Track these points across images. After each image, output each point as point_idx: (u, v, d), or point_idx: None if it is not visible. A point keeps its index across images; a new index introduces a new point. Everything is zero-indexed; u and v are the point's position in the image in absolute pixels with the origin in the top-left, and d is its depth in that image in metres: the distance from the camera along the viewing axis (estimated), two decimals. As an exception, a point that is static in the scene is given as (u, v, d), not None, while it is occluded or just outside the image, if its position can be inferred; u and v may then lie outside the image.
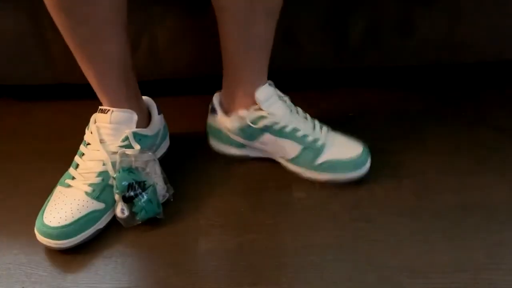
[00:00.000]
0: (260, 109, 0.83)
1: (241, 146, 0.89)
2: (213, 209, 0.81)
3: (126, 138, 0.79)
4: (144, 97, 0.88)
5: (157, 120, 0.87)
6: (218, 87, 1.09)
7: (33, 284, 0.70)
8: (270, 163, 0.89)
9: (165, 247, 0.75)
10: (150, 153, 0.80)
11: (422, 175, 0.85)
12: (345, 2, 0.97)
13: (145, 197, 0.76)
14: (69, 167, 0.81)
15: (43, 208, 0.76)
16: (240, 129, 0.86)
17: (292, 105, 0.86)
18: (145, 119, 0.86)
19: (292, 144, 0.84)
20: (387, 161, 0.88)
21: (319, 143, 0.83)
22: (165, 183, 0.80)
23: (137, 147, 0.79)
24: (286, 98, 0.86)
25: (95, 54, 0.77)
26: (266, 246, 0.74)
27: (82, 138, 0.85)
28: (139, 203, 0.75)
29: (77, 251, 0.74)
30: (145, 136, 0.83)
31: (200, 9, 0.95)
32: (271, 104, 0.84)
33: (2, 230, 0.79)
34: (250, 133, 0.86)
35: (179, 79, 1.03)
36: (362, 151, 0.83)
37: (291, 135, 0.84)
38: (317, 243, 0.74)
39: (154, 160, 0.80)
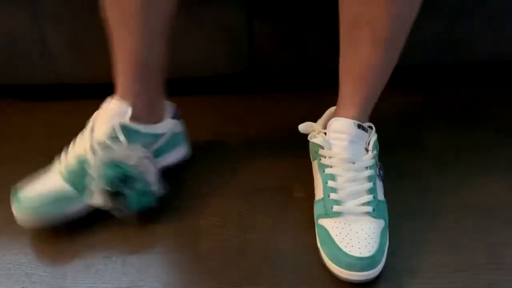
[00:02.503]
0: (324, 133, 0.77)
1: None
2: (213, 209, 0.81)
3: (114, 130, 0.77)
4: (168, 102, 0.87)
5: (166, 122, 0.85)
6: (217, 87, 1.09)
7: (33, 284, 0.70)
8: (271, 163, 0.89)
9: (165, 247, 0.75)
10: (143, 149, 0.78)
11: (422, 175, 0.85)
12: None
13: (131, 190, 0.74)
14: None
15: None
16: (308, 137, 0.80)
17: (368, 163, 0.74)
18: (157, 121, 0.84)
19: (320, 187, 0.75)
20: (387, 161, 0.88)
21: (336, 208, 0.71)
22: (156, 183, 0.78)
23: (122, 138, 0.77)
24: (370, 153, 0.75)
25: (117, 39, 0.77)
26: (266, 246, 0.74)
27: (82, 138, 0.85)
28: (126, 196, 0.74)
29: (77, 251, 0.74)
30: (135, 131, 0.79)
31: (200, 9, 0.95)
32: (337, 138, 0.75)
33: (2, 230, 0.79)
34: (311, 149, 0.82)
35: (179, 79, 1.02)
36: (364, 258, 0.67)
37: (324, 178, 0.75)
38: (317, 243, 0.74)
39: (148, 157, 0.78)
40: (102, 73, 1.02)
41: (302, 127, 0.80)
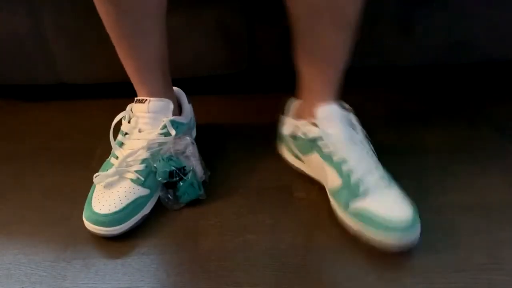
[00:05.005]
0: (316, 125, 0.79)
1: (298, 157, 0.85)
2: (213, 209, 0.81)
3: (165, 126, 0.81)
4: (174, 88, 0.91)
5: (188, 108, 0.91)
6: (217, 87, 1.09)
7: (33, 284, 0.70)
8: (271, 163, 0.89)
9: (165, 247, 0.75)
10: (188, 137, 0.83)
11: (422, 175, 0.85)
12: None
13: (186, 181, 0.79)
14: (69, 167, 0.81)
15: (88, 198, 0.78)
16: (292, 136, 0.83)
17: (361, 138, 0.78)
18: (176, 108, 0.88)
19: (334, 175, 0.76)
20: (386, 161, 0.88)
21: (363, 187, 0.73)
22: (202, 165, 0.83)
23: (173, 132, 0.81)
24: (358, 129, 0.79)
25: (137, 46, 0.80)
26: (266, 246, 0.74)
27: (82, 138, 0.85)
28: (182, 188, 0.79)
29: (77, 251, 0.74)
30: (182, 123, 0.86)
31: (200, 9, 0.95)
32: (330, 125, 0.78)
33: (2, 230, 0.79)
34: (301, 144, 0.82)
35: (178, 79, 1.03)
36: (410, 218, 0.70)
37: (336, 165, 0.76)
38: (317, 243, 0.74)
39: (193, 143, 0.83)
40: (102, 73, 1.03)
41: (286, 129, 0.82)
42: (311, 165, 0.82)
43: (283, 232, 0.76)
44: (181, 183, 0.79)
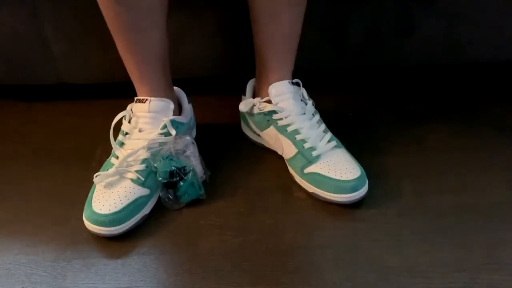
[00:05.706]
0: (270, 101, 0.85)
1: (256, 133, 0.91)
2: (213, 209, 0.81)
3: (165, 126, 0.82)
4: (174, 88, 0.91)
5: (188, 108, 0.91)
6: (216, 87, 1.09)
7: (33, 284, 0.70)
8: (271, 163, 0.89)
9: (165, 247, 0.75)
10: (188, 137, 0.83)
11: (422, 175, 0.85)
12: (345, 2, 0.97)
13: (187, 181, 0.79)
14: (69, 167, 0.81)
15: (88, 198, 0.77)
16: (250, 113, 0.89)
17: (312, 110, 0.86)
18: (176, 108, 0.88)
19: (289, 145, 0.83)
20: (386, 161, 0.88)
21: (315, 153, 0.81)
22: (202, 165, 0.83)
23: (173, 132, 0.82)
24: (308, 102, 0.86)
25: (138, 42, 0.80)
26: (266, 246, 0.74)
27: (82, 138, 0.85)
28: (182, 187, 0.79)
29: (77, 251, 0.74)
30: (182, 123, 0.86)
31: (200, 9, 0.95)
32: (282, 100, 0.84)
33: (2, 230, 0.79)
34: (258, 121, 0.88)
35: (178, 79, 1.03)
36: (357, 178, 0.78)
37: (290, 136, 0.83)
38: (317, 243, 0.75)
39: (193, 143, 0.83)
40: (102, 73, 1.03)
41: (243, 106, 0.88)
42: (268, 139, 0.88)
43: (283, 232, 0.76)
44: (182, 183, 0.79)
